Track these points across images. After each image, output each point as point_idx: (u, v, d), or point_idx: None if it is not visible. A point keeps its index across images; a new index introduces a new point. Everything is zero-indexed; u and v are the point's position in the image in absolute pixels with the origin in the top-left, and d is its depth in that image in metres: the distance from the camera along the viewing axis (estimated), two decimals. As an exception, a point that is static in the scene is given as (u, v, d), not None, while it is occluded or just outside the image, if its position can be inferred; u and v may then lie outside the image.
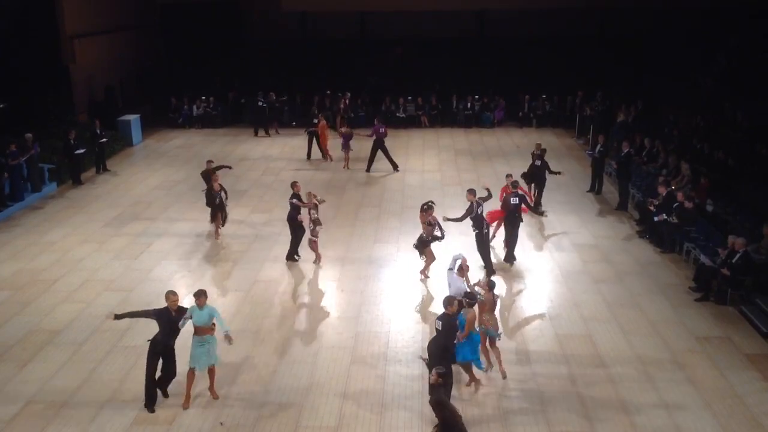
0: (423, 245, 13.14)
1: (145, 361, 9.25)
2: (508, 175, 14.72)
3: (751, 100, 20.76)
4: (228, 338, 9.32)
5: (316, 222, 13.57)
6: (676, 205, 14.48)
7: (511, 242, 14.00)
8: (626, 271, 13.58)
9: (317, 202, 13.63)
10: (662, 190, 14.93)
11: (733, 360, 10.46)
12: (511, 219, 13.83)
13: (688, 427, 8.91)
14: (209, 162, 16.17)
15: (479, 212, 13.16)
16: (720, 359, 10.46)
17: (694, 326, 11.44)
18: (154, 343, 9.17)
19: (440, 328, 8.92)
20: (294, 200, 13.76)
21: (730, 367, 10.24)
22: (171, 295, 9.17)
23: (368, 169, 20.67)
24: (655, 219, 14.61)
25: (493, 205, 14.25)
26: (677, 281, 13.15)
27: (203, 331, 9.17)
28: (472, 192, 13.32)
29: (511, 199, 13.73)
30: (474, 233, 13.35)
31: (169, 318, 9.09)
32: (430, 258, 13.22)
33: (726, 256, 12.14)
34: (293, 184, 14.05)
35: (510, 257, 14.02)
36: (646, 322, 11.59)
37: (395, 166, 20.72)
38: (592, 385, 9.84)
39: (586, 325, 11.53)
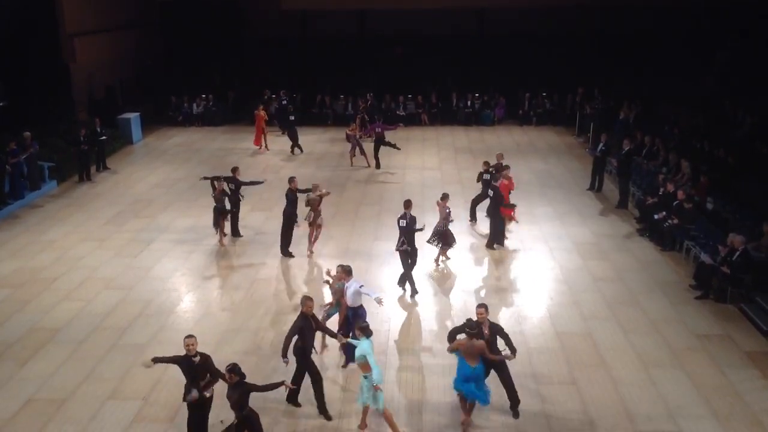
0: (441, 235, 13.36)
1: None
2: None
3: (751, 99, 20.76)
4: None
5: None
6: (675, 203, 14.50)
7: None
8: (626, 270, 13.59)
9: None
10: (670, 188, 15.00)
11: (732, 358, 10.47)
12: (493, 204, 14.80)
13: (688, 425, 8.92)
14: (235, 169, 15.45)
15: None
16: (720, 357, 10.47)
17: (694, 324, 11.45)
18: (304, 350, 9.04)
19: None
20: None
21: (730, 365, 10.25)
22: (308, 300, 9.04)
23: (377, 167, 20.82)
24: (656, 217, 14.63)
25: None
26: (677, 279, 13.15)
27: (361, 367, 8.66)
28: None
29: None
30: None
31: (309, 325, 8.98)
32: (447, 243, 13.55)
33: (726, 254, 12.14)
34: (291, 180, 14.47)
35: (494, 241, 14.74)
36: (646, 320, 11.60)
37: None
38: (591, 383, 9.84)
39: (586, 324, 11.53)
